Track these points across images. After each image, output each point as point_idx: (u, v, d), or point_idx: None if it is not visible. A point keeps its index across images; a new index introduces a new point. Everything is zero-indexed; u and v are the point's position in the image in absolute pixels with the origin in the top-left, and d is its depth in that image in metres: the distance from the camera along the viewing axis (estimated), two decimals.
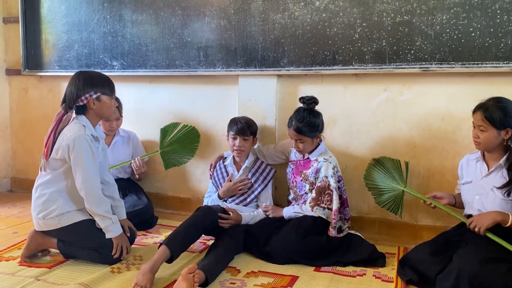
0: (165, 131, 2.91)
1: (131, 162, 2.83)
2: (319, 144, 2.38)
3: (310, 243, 2.18)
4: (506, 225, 1.82)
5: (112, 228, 2.08)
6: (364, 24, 2.44)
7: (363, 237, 2.35)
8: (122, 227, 2.16)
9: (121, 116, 2.85)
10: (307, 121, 2.28)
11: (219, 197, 2.53)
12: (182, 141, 2.92)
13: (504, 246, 1.80)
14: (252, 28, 2.71)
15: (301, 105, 2.36)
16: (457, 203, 2.14)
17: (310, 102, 2.33)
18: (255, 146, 2.66)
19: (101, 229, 2.08)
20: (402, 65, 2.39)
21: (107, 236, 2.07)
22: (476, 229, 1.85)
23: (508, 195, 1.86)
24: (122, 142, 2.93)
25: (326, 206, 2.27)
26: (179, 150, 2.92)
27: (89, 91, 2.08)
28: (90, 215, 2.11)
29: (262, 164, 2.58)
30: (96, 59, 3.18)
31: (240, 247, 2.28)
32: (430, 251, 1.97)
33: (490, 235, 1.84)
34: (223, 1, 2.77)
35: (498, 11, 2.19)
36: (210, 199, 2.57)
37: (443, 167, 2.44)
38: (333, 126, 2.64)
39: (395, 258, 2.25)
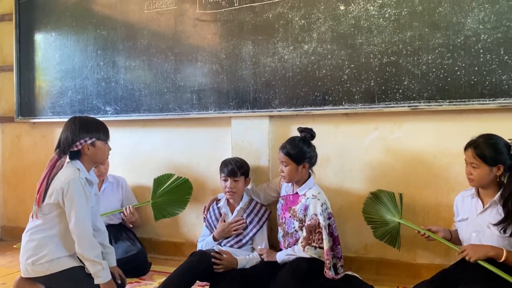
0: (158, 182, 2.86)
1: (122, 211, 2.79)
2: (308, 179, 2.38)
3: None
4: (500, 261, 1.81)
5: (101, 274, 2.02)
6: (352, 65, 2.51)
7: (361, 278, 2.30)
8: (112, 274, 2.10)
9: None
10: (296, 145, 2.32)
11: (214, 239, 2.50)
12: (174, 192, 2.86)
13: (499, 274, 1.79)
14: (244, 72, 2.77)
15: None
16: (453, 238, 2.11)
17: (306, 132, 2.38)
18: (249, 187, 2.65)
19: (91, 276, 2.03)
20: (391, 104, 2.44)
21: (96, 281, 2.01)
22: (467, 258, 1.85)
23: (504, 231, 1.85)
24: (111, 188, 2.90)
25: (317, 245, 2.24)
26: (171, 201, 2.85)
27: (84, 137, 2.09)
28: (80, 261, 2.06)
29: (257, 205, 2.56)
30: (90, 104, 3.21)
31: None
32: None
33: (482, 263, 1.83)
34: (214, 46, 2.84)
35: (481, 51, 2.27)
36: (205, 242, 2.53)
37: (438, 203, 2.43)
38: (326, 165, 2.65)
39: None
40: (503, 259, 1.80)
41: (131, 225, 2.87)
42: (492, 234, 1.90)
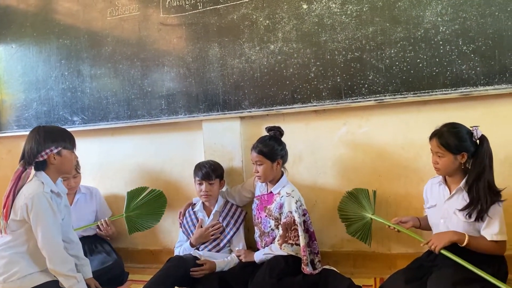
0: (132, 195, 2.79)
1: (98, 224, 2.73)
2: (281, 177, 2.40)
3: (287, 285, 2.14)
4: (462, 245, 1.86)
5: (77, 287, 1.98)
6: (318, 63, 2.54)
7: (338, 272, 2.33)
8: (89, 286, 2.07)
9: (79, 173, 2.76)
10: (267, 143, 2.36)
11: (191, 245, 2.48)
12: (148, 205, 2.80)
13: (459, 262, 1.84)
14: (212, 74, 2.76)
15: None
16: (422, 226, 2.17)
17: (275, 130, 2.42)
18: (224, 189, 2.64)
19: None
20: (357, 99, 2.48)
21: None
22: (432, 248, 1.89)
23: (469, 217, 1.90)
24: (84, 199, 2.83)
25: (294, 242, 2.26)
26: (144, 214, 2.79)
27: (50, 146, 2.04)
28: (54, 276, 2.01)
29: (233, 207, 2.56)
30: (56, 115, 3.14)
31: None
32: (405, 278, 1.97)
33: (445, 252, 1.88)
34: (180, 50, 2.83)
35: (441, 42, 2.33)
36: (182, 248, 2.51)
37: (408, 194, 2.49)
38: (299, 163, 2.67)
39: None
40: (465, 243, 1.86)
41: (108, 238, 2.81)
42: (459, 220, 1.95)
